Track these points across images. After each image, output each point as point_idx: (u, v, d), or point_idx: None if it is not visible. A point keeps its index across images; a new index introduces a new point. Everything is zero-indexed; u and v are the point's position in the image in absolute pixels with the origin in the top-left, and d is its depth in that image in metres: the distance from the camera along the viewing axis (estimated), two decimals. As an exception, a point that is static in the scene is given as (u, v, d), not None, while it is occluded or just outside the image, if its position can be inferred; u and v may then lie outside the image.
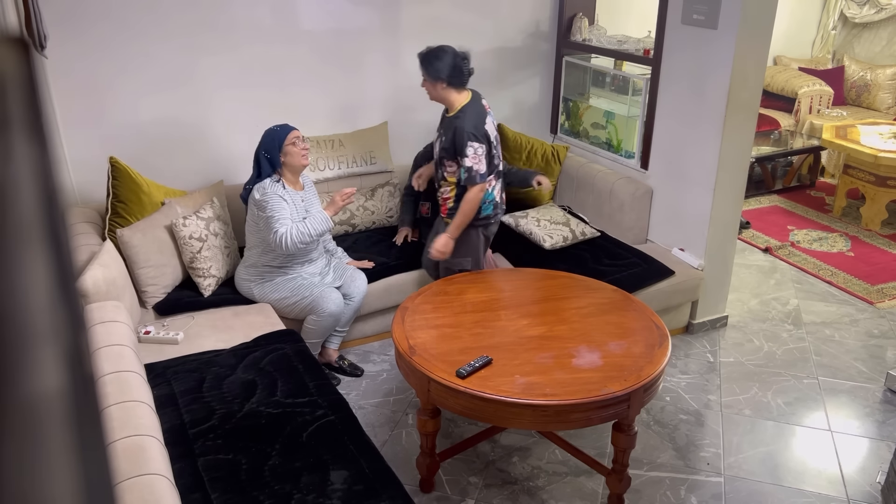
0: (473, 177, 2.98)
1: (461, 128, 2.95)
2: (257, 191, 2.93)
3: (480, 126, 3.00)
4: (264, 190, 2.92)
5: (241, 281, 3.12)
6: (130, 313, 2.66)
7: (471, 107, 3.01)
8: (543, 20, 4.29)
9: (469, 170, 2.98)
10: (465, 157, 2.97)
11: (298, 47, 3.64)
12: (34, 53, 0.33)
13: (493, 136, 3.07)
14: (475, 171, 2.98)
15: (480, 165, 2.99)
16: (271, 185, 2.93)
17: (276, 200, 2.90)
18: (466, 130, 2.95)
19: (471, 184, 3.00)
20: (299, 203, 3.02)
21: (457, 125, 2.97)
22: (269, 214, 2.90)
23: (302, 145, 2.97)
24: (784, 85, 6.45)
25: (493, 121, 3.09)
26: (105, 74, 3.24)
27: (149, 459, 1.76)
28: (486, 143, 3.00)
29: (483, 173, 3.00)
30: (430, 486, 2.65)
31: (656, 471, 2.80)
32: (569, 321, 2.67)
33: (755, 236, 4.98)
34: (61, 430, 0.32)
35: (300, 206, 3.02)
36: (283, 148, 2.94)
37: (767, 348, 3.66)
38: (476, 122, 2.99)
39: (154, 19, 3.27)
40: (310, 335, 3.11)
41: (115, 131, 3.32)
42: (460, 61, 2.94)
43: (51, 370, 0.31)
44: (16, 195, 0.30)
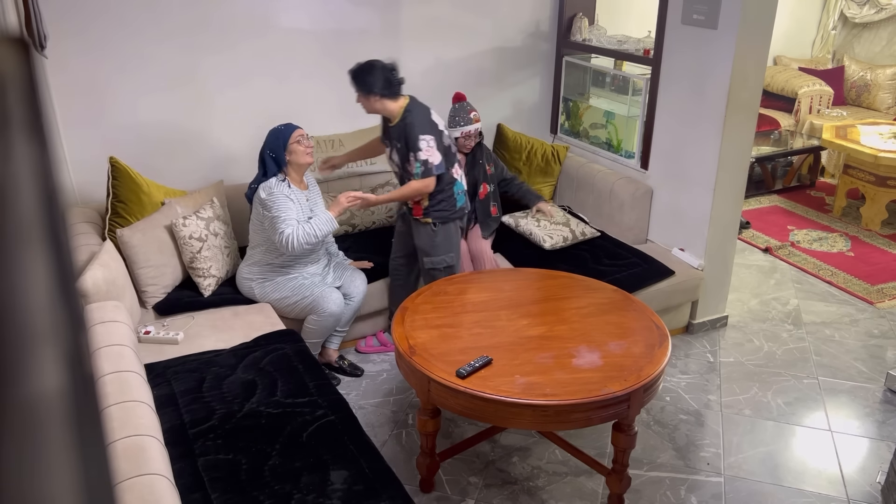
0: (430, 169, 3.05)
1: (411, 124, 3.03)
2: (263, 190, 2.93)
3: (427, 119, 3.08)
4: (270, 189, 2.92)
5: (243, 280, 3.12)
6: (130, 313, 2.66)
7: (413, 107, 3.08)
8: (543, 20, 4.29)
9: (425, 162, 3.05)
10: (419, 150, 3.03)
11: (299, 47, 3.64)
12: (34, 53, 0.33)
13: (442, 126, 3.15)
14: (430, 163, 3.05)
15: (434, 157, 3.06)
16: (277, 185, 2.93)
17: (282, 200, 2.91)
18: (416, 125, 3.03)
19: (426, 176, 3.07)
20: (304, 202, 3.02)
21: (406, 125, 3.04)
22: (275, 214, 2.90)
23: (306, 143, 2.99)
24: (784, 85, 6.45)
25: (437, 116, 3.16)
26: (105, 74, 3.24)
27: (149, 459, 1.76)
28: (436, 135, 3.07)
29: (437, 164, 3.06)
30: (430, 486, 2.65)
31: (656, 471, 2.80)
32: (569, 321, 2.67)
33: (755, 236, 4.98)
34: (61, 430, 0.32)
35: (305, 205, 3.03)
36: (287, 146, 2.95)
37: (767, 348, 3.66)
38: (422, 118, 3.07)
39: (154, 19, 3.27)
40: (310, 335, 3.11)
41: (115, 131, 3.32)
42: (389, 73, 3.00)
43: (51, 370, 0.31)
44: (16, 195, 0.30)
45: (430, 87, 4.05)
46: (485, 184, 3.67)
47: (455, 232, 3.26)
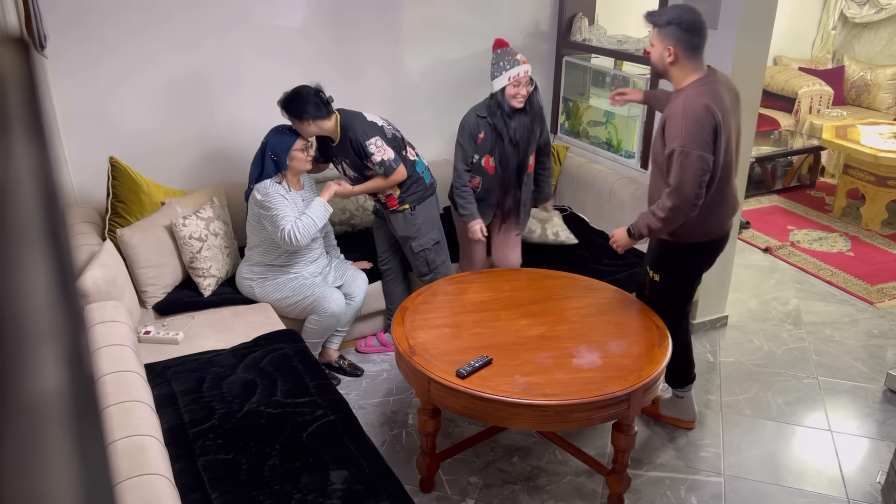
0: (389, 166, 3.07)
1: (354, 139, 3.04)
2: (258, 191, 2.94)
3: (364, 124, 3.07)
4: (265, 190, 2.93)
5: (243, 280, 3.12)
6: (130, 313, 2.66)
7: (347, 120, 3.06)
8: (543, 20, 4.29)
9: (382, 163, 3.06)
10: (372, 155, 3.04)
11: (299, 48, 3.64)
12: (34, 53, 0.33)
13: (380, 121, 3.14)
14: (387, 160, 3.07)
15: (387, 153, 3.07)
16: (272, 186, 2.94)
17: (277, 199, 2.92)
18: (357, 135, 3.03)
19: (390, 173, 3.09)
20: (299, 202, 3.03)
21: (349, 140, 3.05)
22: (274, 213, 2.91)
23: (309, 151, 3.04)
24: (784, 85, 6.45)
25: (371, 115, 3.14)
26: (105, 74, 3.24)
27: (149, 459, 1.76)
28: (379, 133, 3.07)
29: (394, 158, 3.08)
30: (430, 486, 2.65)
31: (656, 471, 2.80)
32: (569, 321, 2.67)
33: (755, 236, 4.98)
34: (61, 430, 0.32)
35: (300, 205, 3.03)
36: (290, 152, 2.97)
37: (767, 348, 3.66)
38: (359, 126, 3.05)
39: (154, 19, 3.27)
40: (311, 335, 3.11)
41: (115, 131, 3.32)
42: (316, 96, 2.96)
43: (51, 370, 0.31)
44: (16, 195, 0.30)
45: (430, 87, 4.05)
46: (533, 154, 3.26)
47: (433, 206, 3.28)
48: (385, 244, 3.41)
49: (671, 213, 2.48)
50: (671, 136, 2.45)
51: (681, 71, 2.50)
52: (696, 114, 2.40)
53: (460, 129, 3.19)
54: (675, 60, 2.48)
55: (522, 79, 3.06)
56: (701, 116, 2.40)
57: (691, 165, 2.40)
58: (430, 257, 3.27)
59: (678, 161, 2.42)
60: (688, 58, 2.47)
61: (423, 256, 3.26)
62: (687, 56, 2.47)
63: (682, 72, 2.50)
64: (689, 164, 2.41)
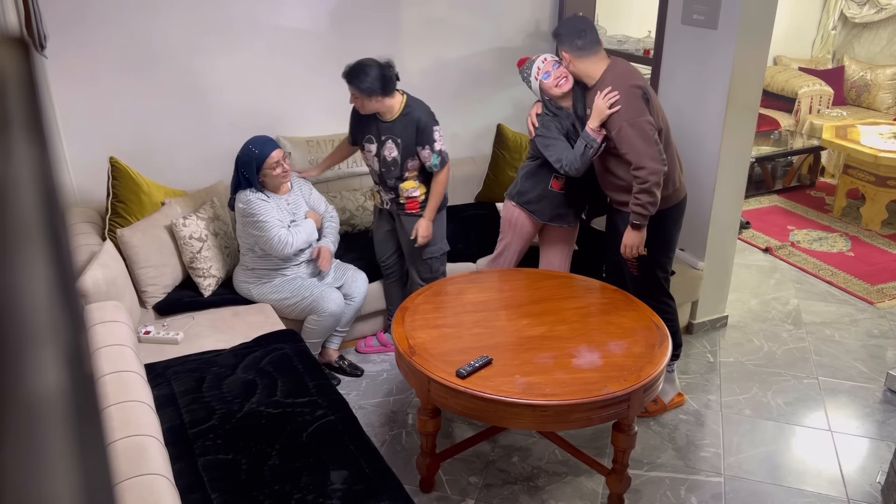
0: (445, 157, 3.11)
1: (421, 120, 3.02)
2: (239, 200, 2.95)
3: (430, 111, 3.09)
4: (246, 199, 2.93)
5: (240, 283, 3.12)
6: (130, 313, 2.66)
7: (412, 101, 3.07)
8: (543, 20, 4.29)
9: (440, 153, 3.09)
10: (434, 142, 3.05)
11: (299, 47, 3.64)
12: (34, 53, 0.33)
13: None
14: (444, 151, 3.10)
15: (444, 146, 3.11)
16: (252, 193, 2.94)
17: (259, 205, 2.93)
18: (425, 117, 3.03)
19: (443, 166, 3.11)
20: (284, 206, 3.02)
21: (413, 120, 3.02)
22: (259, 220, 2.91)
23: (284, 165, 2.97)
24: (784, 85, 6.45)
25: None
26: (105, 74, 3.24)
27: (149, 459, 1.76)
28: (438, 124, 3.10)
29: (447, 153, 3.13)
30: (430, 486, 2.65)
31: (656, 471, 2.80)
32: (569, 321, 2.67)
33: (755, 236, 4.98)
34: (61, 430, 0.32)
35: (286, 208, 3.03)
36: (262, 170, 2.93)
37: (767, 348, 3.66)
38: (426, 110, 3.07)
39: (154, 19, 3.27)
40: (310, 335, 3.11)
41: (115, 131, 3.32)
42: (387, 70, 2.94)
43: (51, 370, 0.31)
44: (16, 195, 0.30)
45: (430, 87, 4.05)
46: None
47: (444, 219, 3.30)
48: (391, 246, 3.38)
49: (651, 181, 2.69)
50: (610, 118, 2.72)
51: (584, 69, 2.82)
52: (623, 91, 2.70)
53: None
54: (571, 63, 2.82)
55: (546, 66, 2.93)
56: (628, 91, 2.70)
57: (641, 131, 2.67)
58: (436, 266, 3.28)
59: (629, 134, 2.68)
60: (581, 57, 2.80)
61: (429, 264, 3.26)
62: (579, 56, 2.80)
63: (585, 70, 2.82)
64: (639, 131, 2.67)
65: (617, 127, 2.70)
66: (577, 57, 2.80)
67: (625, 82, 2.71)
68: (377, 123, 3.07)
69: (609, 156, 2.85)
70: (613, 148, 2.79)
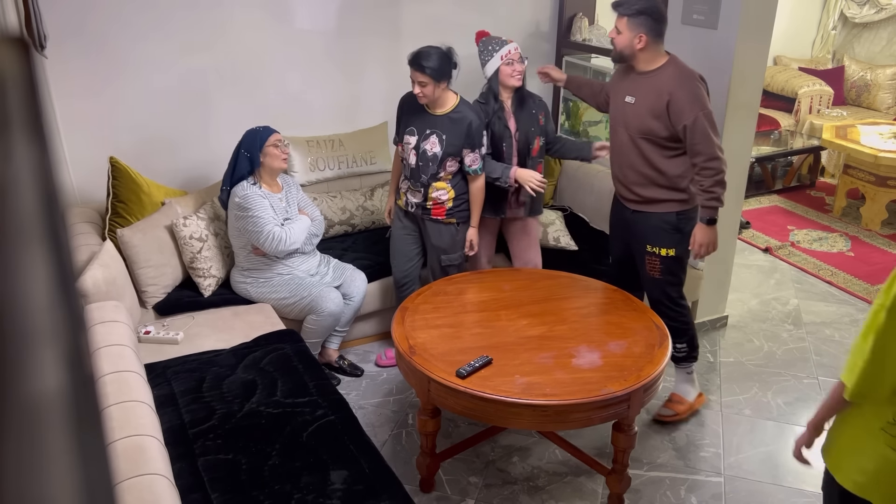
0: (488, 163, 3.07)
1: (474, 120, 2.97)
2: (236, 194, 2.95)
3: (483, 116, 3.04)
4: (243, 192, 2.93)
5: (237, 283, 3.12)
6: (130, 313, 2.66)
7: (466, 102, 3.03)
8: (543, 20, 4.29)
9: (485, 158, 3.05)
10: (482, 146, 3.01)
11: (298, 47, 3.64)
12: (34, 53, 0.33)
13: None
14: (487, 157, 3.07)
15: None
16: (250, 187, 2.95)
17: (256, 200, 2.93)
18: (479, 121, 2.99)
19: (482, 171, 3.06)
20: (278, 204, 3.03)
21: (468, 120, 2.96)
22: (253, 215, 2.91)
23: (283, 148, 2.99)
24: (784, 85, 6.44)
25: None
26: (105, 74, 3.24)
27: (149, 459, 1.76)
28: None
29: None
30: (430, 486, 2.65)
31: (656, 471, 2.80)
32: (569, 321, 2.67)
33: (755, 236, 4.98)
34: (61, 430, 0.32)
35: (280, 206, 3.03)
36: (263, 148, 2.95)
37: (767, 348, 3.66)
38: (480, 112, 3.03)
39: (154, 19, 3.27)
40: (310, 335, 3.11)
41: (115, 131, 3.32)
42: (452, 55, 2.93)
43: (51, 370, 0.31)
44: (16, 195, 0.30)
45: (430, 87, 4.05)
46: (538, 137, 3.19)
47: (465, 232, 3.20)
48: (413, 257, 3.25)
49: (724, 171, 2.68)
50: (682, 108, 2.65)
51: (649, 54, 2.75)
52: (694, 81, 2.68)
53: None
54: (645, 47, 2.71)
55: (514, 56, 3.05)
56: (697, 82, 2.70)
57: (711, 123, 2.66)
58: (452, 272, 3.19)
59: (702, 125, 2.64)
60: (656, 43, 2.73)
61: (446, 271, 3.18)
62: (655, 42, 2.73)
63: (650, 55, 2.75)
64: (710, 123, 2.65)
65: (693, 116, 2.63)
66: (652, 40, 2.70)
67: (692, 75, 2.69)
68: (425, 115, 3.00)
69: (658, 149, 2.77)
70: (666, 142, 2.73)
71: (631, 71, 2.82)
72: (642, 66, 2.77)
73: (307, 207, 3.21)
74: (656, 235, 2.87)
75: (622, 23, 2.72)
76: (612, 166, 2.99)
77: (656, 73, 2.73)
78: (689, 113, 2.63)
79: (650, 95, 2.72)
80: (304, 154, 3.63)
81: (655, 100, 2.70)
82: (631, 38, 2.71)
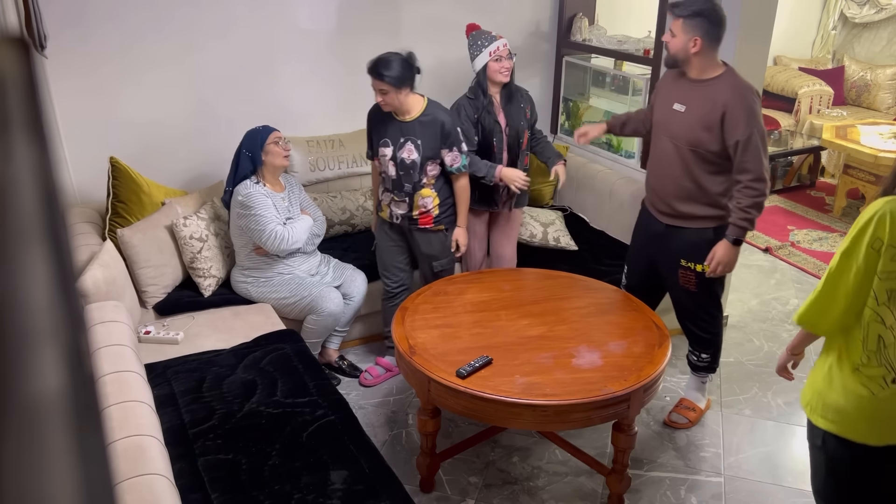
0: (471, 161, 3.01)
1: (445, 120, 2.90)
2: (239, 192, 2.95)
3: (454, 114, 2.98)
4: (247, 191, 2.94)
5: (238, 283, 3.12)
6: (130, 313, 2.66)
7: (434, 104, 2.96)
8: (543, 20, 4.29)
9: (470, 155, 2.99)
10: (461, 143, 2.95)
11: (298, 47, 3.64)
12: (34, 53, 0.33)
13: None
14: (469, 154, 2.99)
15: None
16: (253, 186, 2.95)
17: (259, 199, 2.93)
18: (450, 120, 2.92)
19: (465, 169, 3.00)
20: (280, 203, 3.03)
21: (439, 121, 2.90)
22: (256, 213, 2.91)
23: (283, 145, 2.99)
24: (784, 85, 6.44)
25: None
26: (105, 74, 3.24)
27: (149, 459, 1.76)
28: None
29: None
30: (430, 486, 2.65)
31: (656, 471, 2.80)
32: (569, 321, 2.67)
33: (755, 236, 4.98)
34: (61, 430, 0.32)
35: (282, 206, 3.03)
36: (265, 147, 2.96)
37: (767, 348, 3.66)
38: (449, 112, 2.97)
39: (154, 19, 3.27)
40: (310, 335, 3.11)
41: (115, 131, 3.32)
42: (411, 61, 2.86)
43: (51, 370, 0.31)
44: (16, 195, 0.30)
45: (430, 88, 4.04)
46: (526, 131, 3.23)
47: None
48: (404, 267, 3.19)
49: (764, 196, 2.58)
50: (737, 123, 2.53)
51: (704, 60, 2.62)
52: (752, 95, 2.56)
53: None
54: (700, 51, 2.58)
55: (503, 52, 3.06)
56: (755, 96, 2.57)
57: (764, 142, 2.55)
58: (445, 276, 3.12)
59: (756, 143, 2.53)
60: (711, 49, 2.60)
61: (440, 276, 3.13)
62: (711, 47, 2.60)
63: (705, 61, 2.62)
64: (763, 142, 2.54)
65: (748, 133, 2.51)
66: (707, 44, 2.57)
67: (750, 88, 2.56)
68: (395, 124, 2.93)
69: (704, 163, 2.65)
70: (715, 157, 2.61)
71: (682, 77, 2.69)
72: (696, 73, 2.64)
73: (309, 207, 3.21)
74: (692, 251, 2.77)
75: (677, 25, 2.59)
76: (650, 176, 2.86)
77: (712, 82, 2.60)
78: (745, 129, 2.51)
79: (704, 105, 2.59)
80: (304, 154, 3.64)
81: (709, 111, 2.57)
82: (686, 41, 2.58)
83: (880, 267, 1.67)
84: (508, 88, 3.16)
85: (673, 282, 2.89)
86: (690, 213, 2.74)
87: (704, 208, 2.71)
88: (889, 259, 1.66)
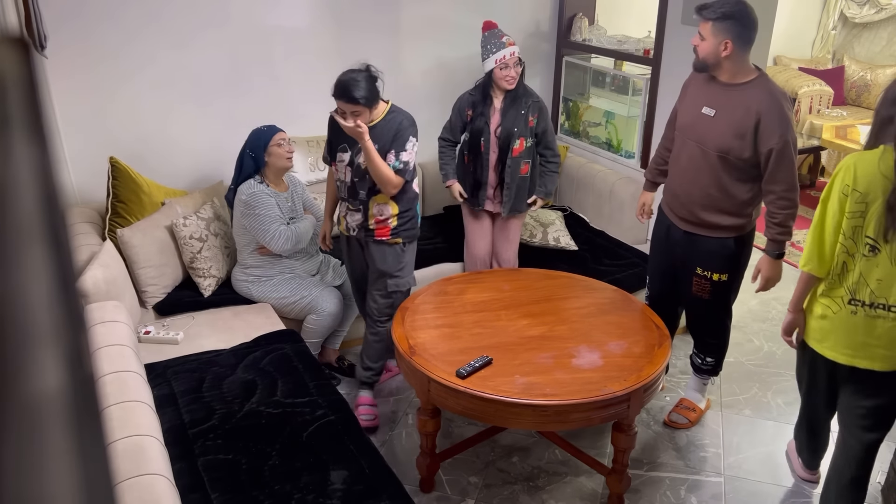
0: (406, 171, 2.74)
1: (402, 122, 2.74)
2: (242, 192, 2.95)
3: (414, 122, 2.78)
4: (250, 190, 2.94)
5: (238, 283, 3.12)
6: (130, 313, 2.66)
7: (397, 108, 2.82)
8: (543, 20, 4.29)
9: (405, 164, 2.73)
10: (403, 150, 2.72)
11: (298, 47, 3.64)
12: (34, 53, 0.33)
13: None
14: (411, 165, 2.75)
15: (412, 162, 2.76)
16: (256, 185, 2.96)
17: (263, 198, 2.93)
18: (406, 125, 2.74)
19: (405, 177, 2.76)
20: (284, 203, 3.03)
21: (394, 124, 2.74)
22: (260, 213, 2.92)
23: (287, 147, 2.98)
24: (784, 85, 6.44)
25: None
26: (105, 74, 3.24)
27: (149, 459, 1.76)
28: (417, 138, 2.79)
29: (411, 171, 2.77)
30: (430, 486, 2.65)
31: (656, 471, 2.80)
32: (569, 321, 2.67)
33: (755, 237, 4.97)
34: (61, 430, 0.32)
35: (286, 206, 3.03)
36: (268, 148, 2.96)
37: (767, 348, 3.65)
38: (410, 119, 2.78)
39: (153, 19, 3.27)
40: (310, 335, 3.11)
41: (115, 131, 3.32)
42: (374, 74, 2.73)
43: (51, 370, 0.31)
44: (16, 195, 0.30)
45: (430, 88, 4.05)
46: (522, 138, 3.18)
47: (415, 253, 2.99)
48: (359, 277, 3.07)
49: (797, 207, 2.55)
50: (772, 130, 2.46)
51: (735, 64, 2.53)
52: (787, 102, 2.50)
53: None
54: (731, 55, 2.49)
55: (510, 60, 3.12)
56: (788, 102, 2.51)
57: (796, 151, 2.50)
58: (397, 303, 2.86)
59: (790, 152, 2.47)
60: (743, 52, 2.51)
61: (391, 299, 2.90)
62: (743, 50, 2.50)
63: (736, 65, 2.53)
64: (795, 151, 2.50)
65: (782, 141, 2.44)
66: (738, 47, 2.47)
67: (784, 95, 2.50)
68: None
69: (732, 171, 2.56)
70: (745, 164, 2.54)
71: (712, 81, 2.60)
72: (727, 77, 2.54)
73: (311, 207, 3.22)
74: (711, 260, 2.74)
75: (706, 28, 2.49)
76: (673, 182, 2.77)
77: (745, 87, 2.51)
78: (779, 137, 2.44)
79: (736, 111, 2.50)
80: (305, 154, 3.64)
81: (742, 117, 2.48)
82: (716, 44, 2.48)
83: (847, 207, 2.05)
84: (514, 93, 3.19)
85: (686, 288, 2.87)
86: (714, 223, 2.68)
87: (728, 218, 2.66)
88: (854, 201, 2.04)
